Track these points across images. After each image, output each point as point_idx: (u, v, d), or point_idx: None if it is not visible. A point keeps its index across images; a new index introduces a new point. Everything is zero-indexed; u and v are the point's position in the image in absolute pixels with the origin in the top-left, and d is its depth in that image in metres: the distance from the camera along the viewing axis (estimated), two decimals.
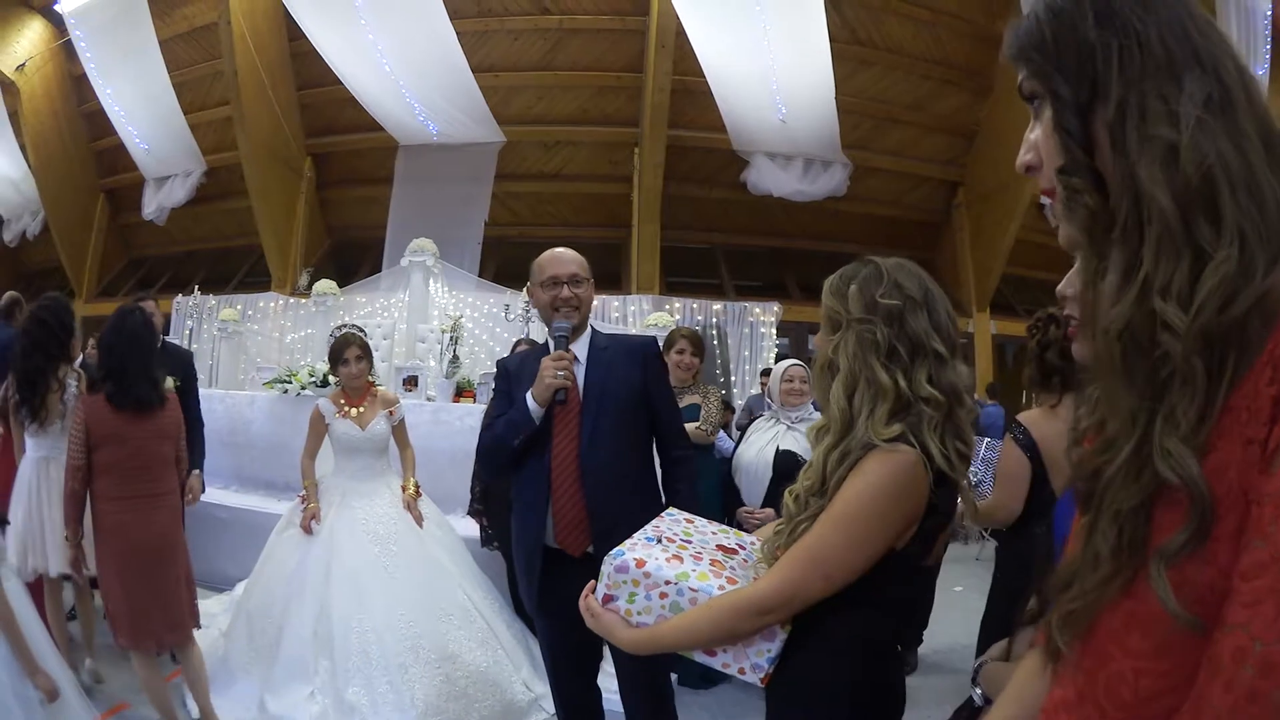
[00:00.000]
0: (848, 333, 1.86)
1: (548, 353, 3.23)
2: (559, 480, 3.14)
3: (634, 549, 1.93)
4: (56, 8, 13.40)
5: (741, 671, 1.85)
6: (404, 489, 4.94)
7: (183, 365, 5.34)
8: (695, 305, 11.16)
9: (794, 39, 10.84)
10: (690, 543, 2.01)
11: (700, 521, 2.19)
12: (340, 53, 12.15)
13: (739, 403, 9.27)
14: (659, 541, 1.99)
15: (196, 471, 5.00)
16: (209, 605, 5.58)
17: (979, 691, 1.82)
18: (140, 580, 3.99)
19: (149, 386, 4.07)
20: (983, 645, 3.08)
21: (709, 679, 5.01)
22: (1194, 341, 0.83)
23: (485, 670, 4.51)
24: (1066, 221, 0.96)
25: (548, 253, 3.34)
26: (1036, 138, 0.99)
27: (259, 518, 6.13)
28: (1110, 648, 0.89)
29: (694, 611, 1.81)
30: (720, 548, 2.02)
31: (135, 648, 4.02)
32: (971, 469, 3.09)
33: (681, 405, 4.68)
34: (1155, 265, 0.86)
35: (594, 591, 1.94)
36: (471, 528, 5.60)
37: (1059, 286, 1.50)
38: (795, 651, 1.86)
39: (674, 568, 1.87)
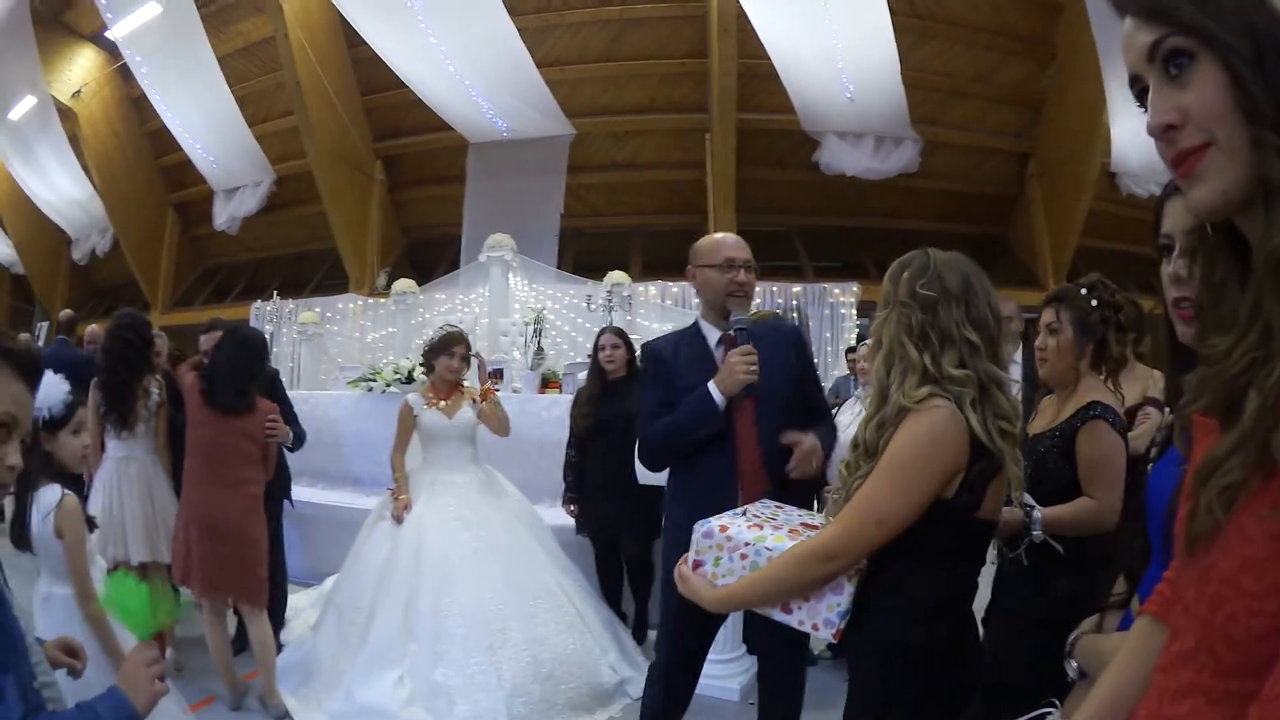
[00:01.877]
0: (892, 313, 2.05)
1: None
2: (747, 473, 3.12)
3: (720, 519, 2.12)
4: (108, 34, 13.62)
5: (815, 628, 2.00)
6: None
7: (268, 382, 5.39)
8: (775, 288, 11.06)
9: (854, 14, 10.73)
10: (774, 519, 2.19)
11: (789, 508, 2.37)
12: (402, 56, 12.26)
13: (824, 385, 9.22)
14: (744, 515, 2.20)
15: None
16: (297, 600, 5.71)
17: (1075, 664, 1.82)
18: (206, 550, 4.48)
19: (233, 395, 4.53)
20: (1001, 642, 2.87)
21: None
22: None
23: (572, 653, 4.57)
24: (1222, 179, 0.95)
25: (714, 236, 3.37)
26: (1187, 98, 0.95)
27: (346, 513, 6.22)
28: (1226, 591, 0.92)
29: (765, 566, 1.99)
30: (804, 524, 2.18)
31: (204, 597, 4.56)
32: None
33: None
34: None
35: (687, 561, 2.12)
36: (560, 517, 5.64)
37: (1175, 269, 1.43)
38: (865, 611, 2.00)
39: (753, 533, 2.06)
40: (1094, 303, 2.91)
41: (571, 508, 5.56)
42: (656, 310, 9.24)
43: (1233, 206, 0.95)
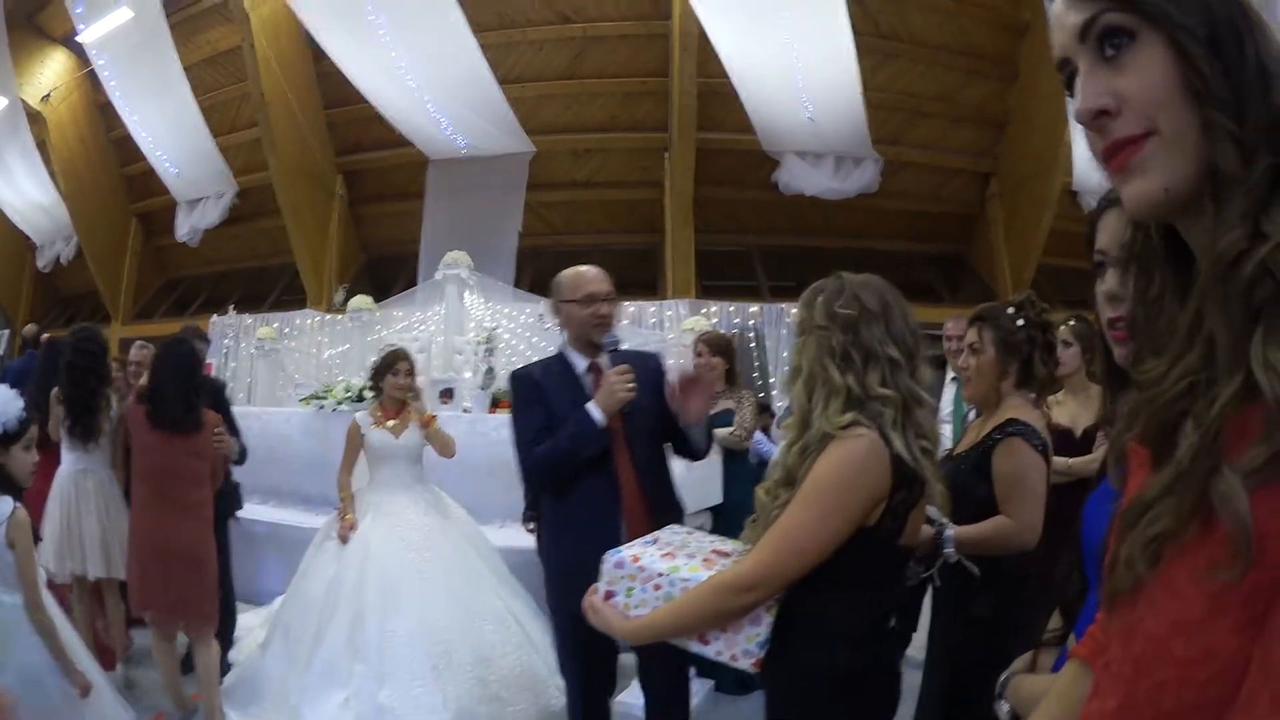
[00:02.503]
0: (809, 338, 2.06)
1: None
2: (627, 491, 3.22)
3: (631, 548, 2.11)
4: (78, 39, 13.49)
5: (734, 659, 1.97)
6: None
7: (213, 394, 5.32)
8: (732, 308, 11.09)
9: (817, 34, 10.76)
10: (686, 547, 2.16)
11: (698, 534, 2.37)
12: (364, 71, 12.21)
13: (779, 405, 9.24)
14: (655, 543, 2.17)
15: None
16: (247, 619, 5.68)
17: (1006, 706, 1.78)
18: (158, 575, 4.43)
19: (182, 411, 4.48)
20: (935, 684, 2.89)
21: (746, 684, 5.00)
22: None
23: (519, 674, 4.57)
24: (1164, 172, 0.85)
25: (577, 270, 3.43)
26: (1123, 81, 0.86)
27: (296, 532, 6.18)
28: (1151, 653, 0.84)
29: (682, 597, 1.97)
30: (715, 551, 2.15)
31: (140, 613, 4.56)
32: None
33: (715, 411, 4.75)
34: None
35: (597, 592, 2.10)
36: (508, 538, 5.62)
37: (1109, 286, 1.37)
38: (785, 637, 1.98)
39: (667, 562, 2.05)
40: (1020, 322, 2.88)
41: (531, 526, 5.56)
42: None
43: (1174, 205, 0.86)
